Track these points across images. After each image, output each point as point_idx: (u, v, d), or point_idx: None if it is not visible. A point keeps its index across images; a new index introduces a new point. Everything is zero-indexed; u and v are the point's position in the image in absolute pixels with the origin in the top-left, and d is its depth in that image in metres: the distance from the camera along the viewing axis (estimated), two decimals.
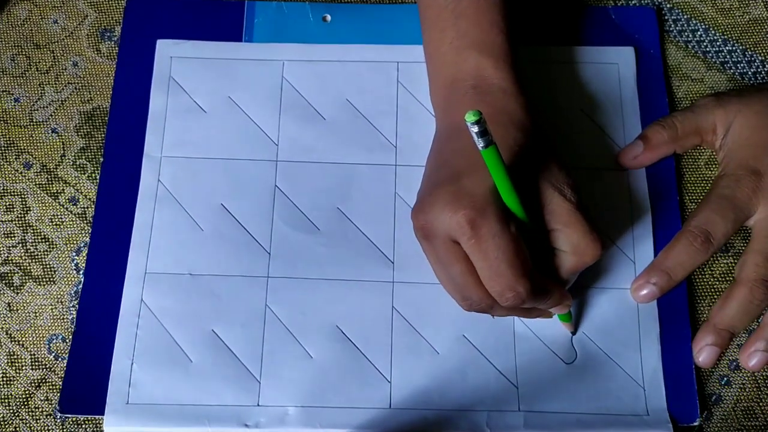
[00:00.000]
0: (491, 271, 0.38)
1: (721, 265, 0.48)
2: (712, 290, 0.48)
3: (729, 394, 0.46)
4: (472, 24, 0.44)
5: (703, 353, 0.45)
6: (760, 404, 0.46)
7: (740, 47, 0.54)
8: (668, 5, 0.55)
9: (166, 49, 0.52)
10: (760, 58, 0.53)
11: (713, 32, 0.54)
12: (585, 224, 0.40)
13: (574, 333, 0.46)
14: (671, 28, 0.54)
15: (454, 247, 0.39)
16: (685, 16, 0.55)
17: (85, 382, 0.45)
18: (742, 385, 0.46)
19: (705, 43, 0.54)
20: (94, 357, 0.45)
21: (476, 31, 0.44)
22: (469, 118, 0.34)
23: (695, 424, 0.45)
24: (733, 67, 0.53)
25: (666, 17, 0.55)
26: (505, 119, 0.42)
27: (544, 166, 0.40)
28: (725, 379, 0.46)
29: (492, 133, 0.35)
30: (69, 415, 0.45)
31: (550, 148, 0.42)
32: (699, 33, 0.54)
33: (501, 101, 0.42)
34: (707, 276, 0.48)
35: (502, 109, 0.42)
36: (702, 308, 0.47)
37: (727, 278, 0.48)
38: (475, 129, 0.34)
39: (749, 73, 0.53)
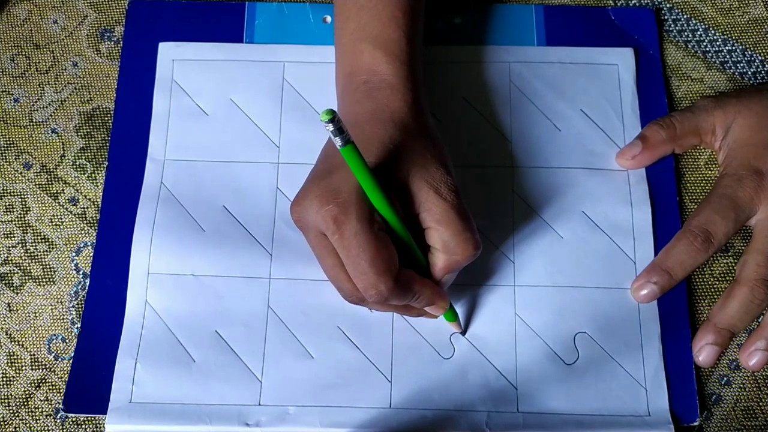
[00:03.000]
0: (354, 268, 0.38)
1: (721, 264, 0.48)
2: (712, 290, 0.48)
3: (729, 393, 0.46)
4: (372, 17, 0.44)
5: (703, 352, 0.45)
6: (760, 404, 0.46)
7: (740, 47, 0.54)
8: (668, 5, 0.55)
9: (168, 52, 0.52)
10: (759, 57, 0.53)
11: (713, 32, 0.54)
12: (459, 223, 0.39)
13: (462, 333, 0.46)
14: (671, 28, 0.54)
15: (324, 240, 0.40)
16: (685, 16, 0.55)
17: (90, 381, 0.45)
18: (742, 385, 0.46)
19: (705, 43, 0.54)
20: (98, 357, 0.46)
21: (375, 24, 0.44)
22: (323, 117, 0.34)
23: (695, 424, 0.45)
24: (733, 67, 0.53)
25: (666, 17, 0.55)
26: (385, 116, 0.41)
27: (422, 165, 0.40)
28: (725, 379, 0.46)
29: (349, 131, 0.35)
30: (73, 415, 0.45)
31: (435, 146, 0.42)
32: (699, 33, 0.54)
33: (386, 97, 0.42)
34: (707, 276, 0.48)
35: (386, 106, 0.42)
36: (702, 308, 0.48)
37: (727, 278, 0.48)
38: (330, 128, 0.34)
39: (749, 72, 0.53)
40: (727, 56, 0.54)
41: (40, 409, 0.46)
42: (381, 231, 0.39)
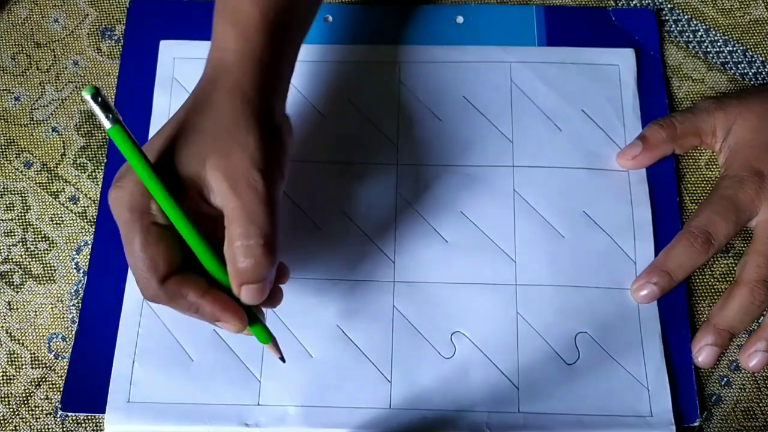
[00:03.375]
0: (128, 256, 0.35)
1: (721, 265, 0.48)
2: (712, 290, 0.48)
3: (729, 394, 0.46)
4: None
5: (703, 353, 0.45)
6: (760, 404, 0.46)
7: (741, 48, 0.54)
8: (669, 6, 0.55)
9: (169, 50, 0.52)
10: (761, 58, 0.53)
11: (714, 33, 0.54)
12: (246, 226, 0.34)
13: (282, 359, 0.41)
14: (672, 29, 0.54)
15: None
16: (686, 17, 0.55)
17: (88, 380, 0.45)
18: (742, 386, 0.46)
19: (706, 44, 0.54)
20: (96, 356, 0.46)
21: (236, 1, 0.39)
22: (85, 93, 0.31)
23: (695, 424, 0.45)
24: (734, 68, 0.53)
25: (666, 18, 0.55)
26: (201, 97, 0.37)
27: (224, 154, 0.35)
28: (725, 379, 0.46)
29: (116, 112, 0.32)
30: (71, 414, 0.45)
31: (253, 135, 0.36)
32: (700, 33, 0.54)
33: (215, 76, 0.38)
34: (707, 276, 0.48)
35: (209, 85, 0.38)
36: (702, 308, 0.48)
37: (727, 278, 0.48)
38: (93, 105, 0.32)
39: (750, 73, 0.53)
40: (728, 57, 0.54)
41: (40, 408, 0.46)
42: (154, 225, 0.35)
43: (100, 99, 0.31)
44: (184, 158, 0.35)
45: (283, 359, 0.41)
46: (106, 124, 0.33)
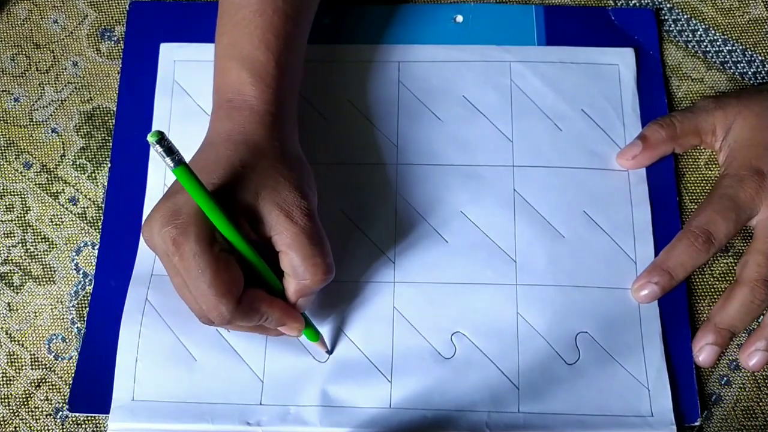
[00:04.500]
0: (195, 289, 0.38)
1: (721, 265, 0.48)
2: (712, 290, 0.48)
3: (729, 394, 0.46)
4: (244, 36, 0.44)
5: (703, 352, 0.46)
6: (760, 404, 0.46)
7: (740, 47, 0.54)
8: (668, 5, 0.55)
9: (169, 53, 0.52)
10: (760, 57, 0.53)
11: (713, 32, 0.54)
12: (309, 248, 0.39)
13: (328, 353, 0.45)
14: (671, 28, 0.54)
15: (171, 261, 0.39)
16: (685, 16, 0.55)
17: (94, 381, 0.45)
18: (742, 385, 0.46)
19: (705, 43, 0.54)
20: (102, 357, 0.46)
21: (245, 44, 0.43)
22: (150, 138, 0.34)
23: (696, 424, 0.45)
24: (733, 67, 0.53)
25: (666, 17, 0.55)
26: (240, 138, 0.41)
27: (274, 188, 0.40)
28: (725, 379, 0.46)
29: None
30: (75, 414, 0.45)
31: (293, 170, 0.41)
32: (699, 33, 0.54)
33: (245, 119, 0.42)
34: (707, 276, 0.48)
35: (242, 127, 0.42)
36: (702, 308, 0.48)
37: (727, 278, 0.48)
38: (158, 149, 0.34)
39: (749, 72, 0.53)
40: (728, 56, 0.54)
41: (40, 409, 0.46)
42: (222, 252, 0.38)
43: (162, 143, 0.34)
44: (238, 193, 0.39)
45: (329, 352, 0.46)
46: (170, 164, 0.35)
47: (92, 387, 0.45)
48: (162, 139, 0.34)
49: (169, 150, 0.34)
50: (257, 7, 0.44)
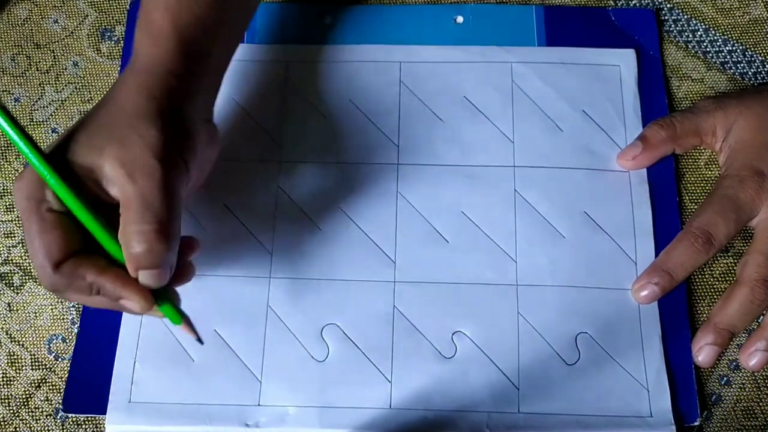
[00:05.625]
0: (29, 250, 0.36)
1: (721, 265, 0.48)
2: (712, 290, 0.48)
3: (729, 394, 0.46)
4: (151, 3, 0.41)
5: (703, 352, 0.45)
6: (760, 404, 0.46)
7: (740, 47, 0.54)
8: (668, 5, 0.55)
9: None
10: (760, 58, 0.53)
11: (713, 32, 0.54)
12: (140, 213, 0.35)
13: (199, 341, 0.40)
14: (671, 29, 0.54)
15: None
16: (686, 16, 0.55)
17: (89, 381, 0.45)
18: (742, 385, 0.46)
19: (705, 44, 0.54)
20: (97, 357, 0.46)
21: (150, 8, 0.41)
22: None
23: (695, 424, 0.45)
24: (734, 68, 0.53)
25: (666, 17, 0.55)
26: (107, 96, 0.39)
27: (124, 144, 0.36)
28: (725, 379, 0.46)
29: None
30: (72, 415, 0.45)
31: (153, 131, 0.37)
32: (699, 33, 0.54)
33: (125, 78, 0.39)
34: (707, 276, 0.48)
35: (115, 87, 0.39)
36: (701, 308, 0.48)
37: (727, 278, 0.48)
38: None
39: (749, 73, 0.53)
40: (728, 57, 0.54)
41: (40, 409, 0.45)
42: (50, 212, 0.36)
43: None
44: (81, 148, 0.36)
45: (200, 340, 0.40)
46: None
47: (87, 387, 0.45)
48: None
49: None
50: None
